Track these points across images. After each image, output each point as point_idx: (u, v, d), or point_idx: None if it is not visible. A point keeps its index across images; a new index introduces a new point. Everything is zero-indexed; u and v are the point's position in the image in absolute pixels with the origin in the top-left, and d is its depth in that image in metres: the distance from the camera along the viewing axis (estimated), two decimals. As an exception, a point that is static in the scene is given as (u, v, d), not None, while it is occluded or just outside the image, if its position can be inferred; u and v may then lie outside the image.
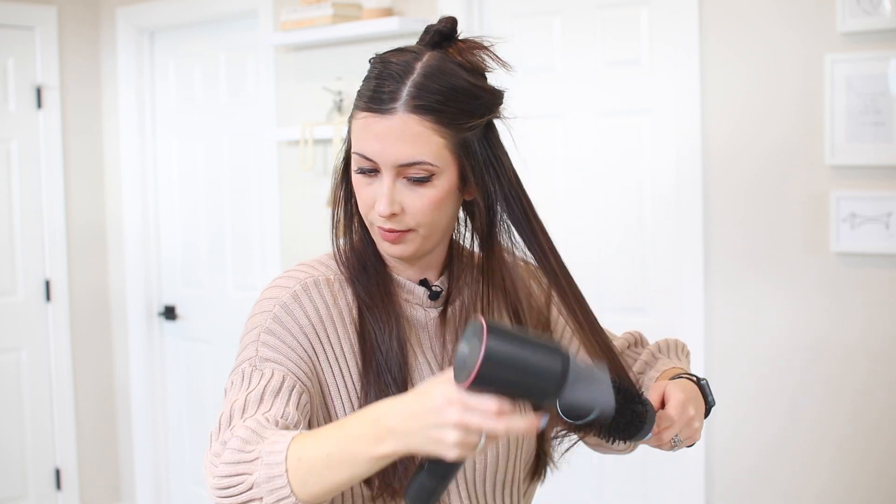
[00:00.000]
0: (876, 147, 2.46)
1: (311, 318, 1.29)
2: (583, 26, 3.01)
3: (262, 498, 1.10)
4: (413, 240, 1.29)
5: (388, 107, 1.22)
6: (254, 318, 1.32)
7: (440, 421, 1.04)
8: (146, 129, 4.34)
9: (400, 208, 1.26)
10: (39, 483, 4.31)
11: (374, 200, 1.26)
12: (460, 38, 1.30)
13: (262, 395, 1.21)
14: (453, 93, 1.24)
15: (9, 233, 4.20)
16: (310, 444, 1.11)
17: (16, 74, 4.19)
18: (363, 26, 3.32)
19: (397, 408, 1.08)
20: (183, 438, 4.36)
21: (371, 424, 1.09)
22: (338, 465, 1.09)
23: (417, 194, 1.25)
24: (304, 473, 1.09)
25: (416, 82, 1.23)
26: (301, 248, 3.76)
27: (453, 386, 1.05)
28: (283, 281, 1.33)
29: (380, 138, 1.23)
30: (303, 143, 3.56)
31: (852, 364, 2.56)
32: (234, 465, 1.13)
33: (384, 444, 1.08)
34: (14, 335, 4.25)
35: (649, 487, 2.98)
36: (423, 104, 1.22)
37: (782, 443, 2.68)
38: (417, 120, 1.22)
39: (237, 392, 1.23)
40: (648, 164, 2.91)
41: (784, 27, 2.60)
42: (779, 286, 2.66)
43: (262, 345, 1.27)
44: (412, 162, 1.23)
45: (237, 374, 1.27)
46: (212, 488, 1.14)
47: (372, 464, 1.09)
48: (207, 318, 4.22)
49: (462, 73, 1.26)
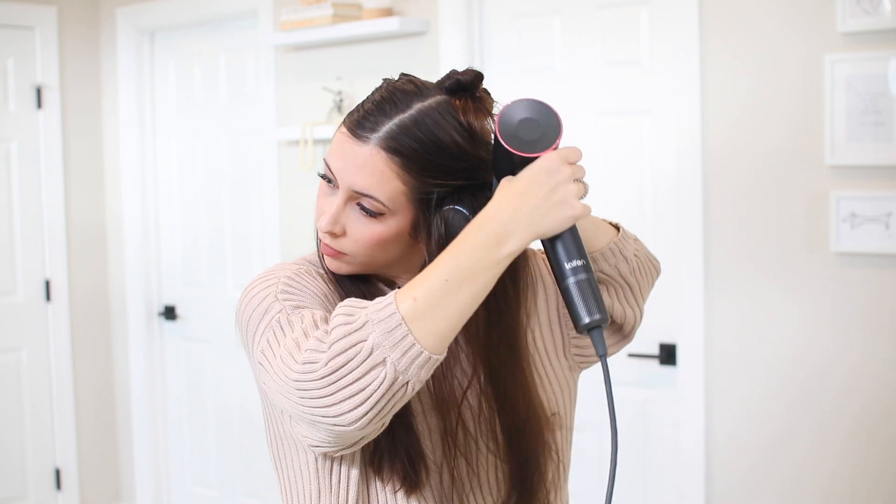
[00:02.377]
0: (876, 147, 2.46)
1: (314, 290, 1.27)
2: (583, 26, 3.01)
3: (387, 358, 1.05)
4: (350, 262, 1.27)
5: (363, 135, 1.21)
6: (252, 300, 1.24)
7: (559, 179, 1.12)
8: (146, 129, 4.34)
9: (342, 230, 1.24)
10: (39, 483, 4.31)
11: (323, 213, 1.26)
12: (478, 93, 1.26)
13: (315, 323, 1.15)
14: (434, 147, 1.20)
15: (9, 233, 4.21)
16: (418, 284, 1.09)
17: (16, 74, 4.19)
18: (363, 26, 3.32)
19: (504, 202, 1.11)
20: (183, 438, 4.36)
21: (483, 229, 1.11)
22: (458, 288, 1.08)
23: (363, 224, 1.23)
24: (423, 313, 1.06)
25: (401, 122, 1.20)
26: (301, 248, 3.76)
27: (546, 153, 1.13)
28: (270, 273, 1.29)
29: (345, 158, 1.22)
30: (303, 143, 3.56)
31: (852, 364, 2.56)
32: (343, 339, 1.06)
33: (508, 241, 1.11)
34: (14, 335, 4.25)
35: (649, 487, 2.98)
36: (396, 146, 1.20)
37: (782, 442, 2.68)
38: (384, 158, 1.20)
39: (282, 341, 1.14)
40: (648, 165, 2.91)
41: (784, 27, 2.60)
42: (779, 286, 2.66)
43: (284, 301, 1.21)
44: (365, 193, 1.21)
45: (270, 332, 1.17)
46: (321, 378, 1.06)
47: (494, 271, 1.11)
48: (207, 318, 4.22)
49: (453, 132, 1.21)
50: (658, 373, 2.93)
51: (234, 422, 4.14)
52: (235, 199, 4.08)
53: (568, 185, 1.12)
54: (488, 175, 1.24)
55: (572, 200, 1.12)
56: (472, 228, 1.12)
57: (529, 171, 1.13)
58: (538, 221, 1.11)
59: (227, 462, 4.19)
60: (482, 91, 1.27)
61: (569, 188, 1.12)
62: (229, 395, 4.14)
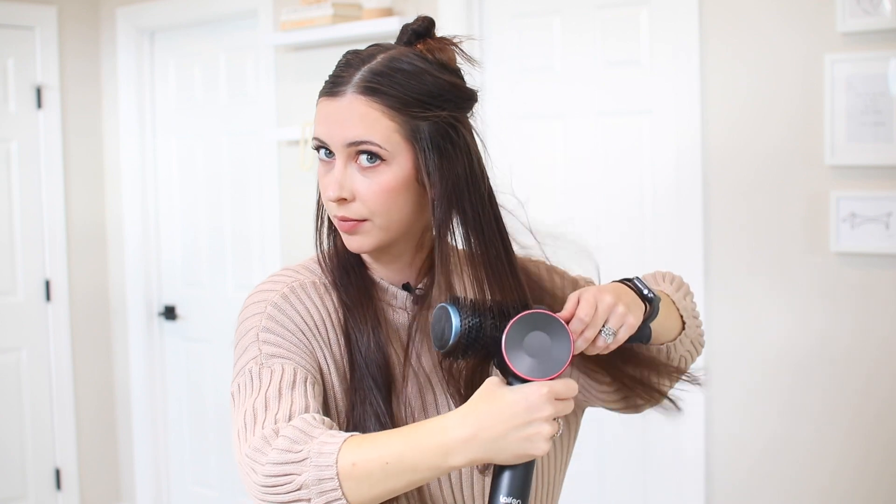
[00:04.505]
0: (876, 147, 2.46)
1: (304, 316, 1.28)
2: (583, 26, 3.01)
3: (311, 500, 1.09)
4: (370, 231, 1.26)
5: (338, 89, 1.23)
6: (245, 322, 1.30)
7: (536, 417, 1.09)
8: (146, 129, 4.34)
9: (351, 194, 1.25)
10: (39, 483, 4.31)
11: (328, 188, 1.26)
12: (434, 34, 1.29)
13: (280, 390, 1.19)
14: (408, 80, 1.23)
15: (9, 233, 4.20)
16: (366, 449, 1.10)
17: (16, 74, 4.19)
18: (363, 26, 3.32)
19: (473, 418, 1.10)
20: (183, 438, 4.36)
21: (438, 435, 1.10)
22: (396, 474, 1.10)
23: (369, 180, 1.24)
24: (357, 478, 1.09)
25: (371, 68, 1.23)
26: (301, 248, 3.76)
27: (539, 382, 1.10)
28: (269, 285, 1.32)
29: (329, 120, 1.24)
30: (303, 143, 3.56)
31: (852, 363, 2.56)
32: (282, 465, 1.11)
33: (456, 456, 1.10)
34: (14, 335, 4.25)
35: (649, 487, 2.98)
36: (370, 86, 1.22)
37: (783, 442, 2.68)
38: (364, 101, 1.22)
39: (251, 392, 1.21)
40: (648, 165, 2.91)
41: (784, 27, 2.60)
42: (779, 286, 2.66)
43: (263, 343, 1.26)
44: (357, 140, 1.22)
45: (244, 377, 1.24)
46: (255, 486, 1.12)
47: (436, 473, 1.11)
48: (207, 318, 4.22)
49: (424, 66, 1.25)
50: (658, 373, 2.92)
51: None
52: (235, 199, 4.08)
53: (543, 425, 1.10)
54: (472, 106, 1.28)
55: (540, 442, 1.10)
56: (427, 428, 1.12)
57: (511, 398, 1.10)
58: (496, 450, 1.10)
59: (227, 462, 4.19)
60: (436, 34, 1.30)
61: (541, 429, 1.10)
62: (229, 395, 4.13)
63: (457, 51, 1.28)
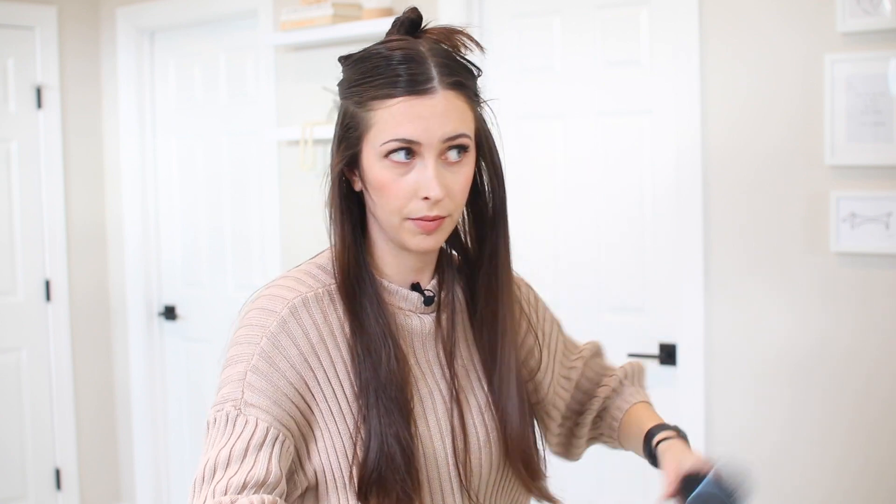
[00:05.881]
0: (876, 147, 2.46)
1: (302, 347, 1.23)
2: (583, 26, 3.01)
3: None
4: (447, 227, 1.26)
5: (426, 87, 1.20)
6: (238, 346, 1.25)
7: None
8: (146, 129, 4.34)
9: (445, 191, 1.23)
10: (39, 483, 4.31)
11: (413, 190, 1.21)
12: (428, 26, 1.28)
13: (247, 449, 1.17)
14: (465, 70, 1.26)
15: (9, 233, 4.21)
16: None
17: (16, 74, 4.19)
18: (363, 26, 3.32)
19: None
20: (183, 438, 4.36)
21: None
22: None
23: (455, 174, 1.24)
24: None
25: (437, 63, 1.22)
26: (301, 248, 3.76)
27: None
28: (270, 302, 1.26)
29: (424, 118, 1.20)
30: (303, 143, 3.56)
31: (852, 363, 2.56)
32: None
33: None
34: (14, 335, 4.25)
35: (649, 488, 2.98)
36: (455, 80, 1.23)
37: (783, 442, 2.68)
38: (454, 95, 1.22)
39: (220, 438, 1.19)
40: (648, 165, 2.91)
41: (784, 27, 2.60)
42: (779, 286, 2.66)
43: (248, 386, 1.22)
44: (455, 134, 1.22)
45: (221, 414, 1.21)
46: None
47: None
48: (207, 318, 4.22)
49: (457, 54, 1.26)
50: (658, 373, 2.92)
51: (234, 422, 4.14)
52: (235, 199, 4.08)
53: None
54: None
55: None
56: None
57: None
58: None
59: (227, 462, 4.19)
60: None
61: None
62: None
63: (464, 38, 1.28)
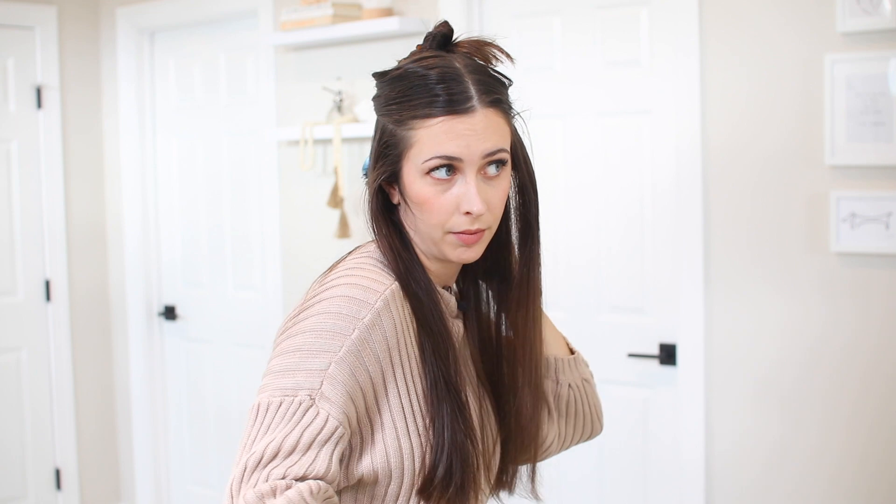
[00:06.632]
0: (876, 147, 2.46)
1: (390, 341, 1.25)
2: (583, 26, 3.01)
3: None
4: (485, 239, 1.31)
5: (466, 106, 1.25)
6: (323, 333, 1.22)
7: None
8: (146, 129, 4.34)
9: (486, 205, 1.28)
10: (39, 483, 4.31)
11: (455, 205, 1.26)
12: (458, 39, 1.33)
13: (312, 442, 1.16)
14: (500, 84, 1.29)
15: (9, 233, 4.21)
16: None
17: (16, 74, 4.19)
18: (363, 26, 3.32)
19: None
20: (183, 438, 4.36)
21: None
22: None
23: (494, 188, 1.28)
24: None
25: (474, 80, 1.26)
26: (301, 248, 3.76)
27: None
28: (362, 293, 1.25)
29: (464, 136, 1.25)
30: (303, 143, 3.56)
31: (852, 363, 2.56)
32: None
33: None
34: (14, 335, 4.25)
35: (650, 487, 2.98)
36: (493, 98, 1.27)
37: (783, 442, 2.68)
38: (493, 112, 1.27)
39: (283, 425, 1.17)
40: (648, 165, 2.91)
41: (784, 27, 2.60)
42: (779, 286, 2.66)
43: (329, 378, 1.20)
44: (495, 150, 1.26)
45: (291, 401, 1.18)
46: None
47: None
48: (207, 318, 4.22)
49: (490, 68, 1.30)
50: (658, 373, 2.93)
51: (234, 422, 4.14)
52: (235, 199, 4.08)
53: None
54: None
55: None
56: None
57: None
58: None
59: (227, 462, 4.18)
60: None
61: None
62: (229, 396, 4.14)
63: (495, 51, 1.32)
